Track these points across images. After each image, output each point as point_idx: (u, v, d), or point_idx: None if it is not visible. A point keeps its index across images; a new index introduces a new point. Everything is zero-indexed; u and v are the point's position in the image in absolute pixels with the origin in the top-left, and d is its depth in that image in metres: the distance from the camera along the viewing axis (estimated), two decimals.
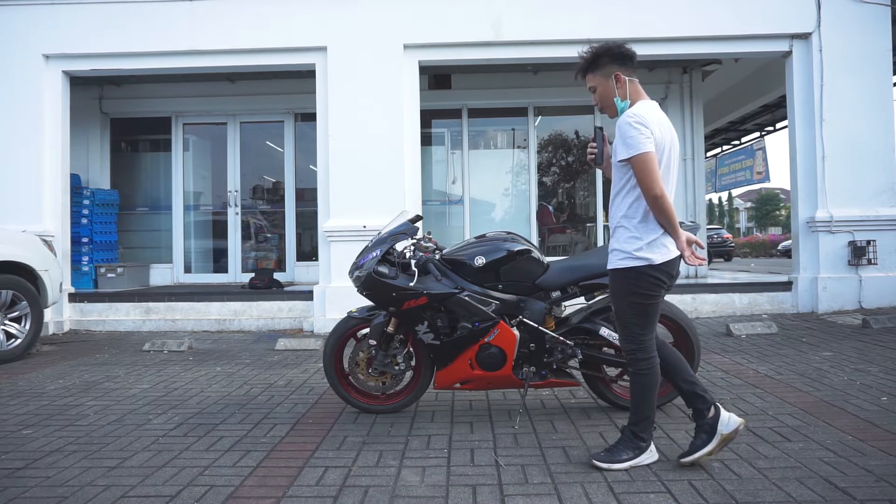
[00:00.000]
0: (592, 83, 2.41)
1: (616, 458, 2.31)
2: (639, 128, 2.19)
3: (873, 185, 6.07)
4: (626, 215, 2.30)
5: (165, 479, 2.34)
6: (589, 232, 8.68)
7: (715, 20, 6.05)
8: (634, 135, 2.19)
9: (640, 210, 2.27)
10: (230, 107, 8.31)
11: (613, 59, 2.35)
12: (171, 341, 5.34)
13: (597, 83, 2.39)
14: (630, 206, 2.29)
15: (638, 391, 2.35)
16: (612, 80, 2.34)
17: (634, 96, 2.35)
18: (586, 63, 2.41)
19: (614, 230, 2.35)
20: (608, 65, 2.35)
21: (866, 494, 2.07)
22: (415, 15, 6.18)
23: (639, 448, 2.33)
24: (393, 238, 3.02)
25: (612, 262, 2.34)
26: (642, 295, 2.29)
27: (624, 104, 2.34)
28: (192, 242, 8.47)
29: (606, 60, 2.35)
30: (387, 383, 3.12)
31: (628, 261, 2.28)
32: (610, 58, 2.35)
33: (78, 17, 6.27)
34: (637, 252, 2.26)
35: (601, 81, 2.38)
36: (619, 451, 2.33)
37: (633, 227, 2.28)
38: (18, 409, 3.41)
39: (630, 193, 2.29)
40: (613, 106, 2.37)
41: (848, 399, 3.19)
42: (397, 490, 2.20)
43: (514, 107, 8.35)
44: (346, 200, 6.11)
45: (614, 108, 2.37)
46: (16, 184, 6.21)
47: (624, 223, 2.31)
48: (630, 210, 2.29)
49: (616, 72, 2.34)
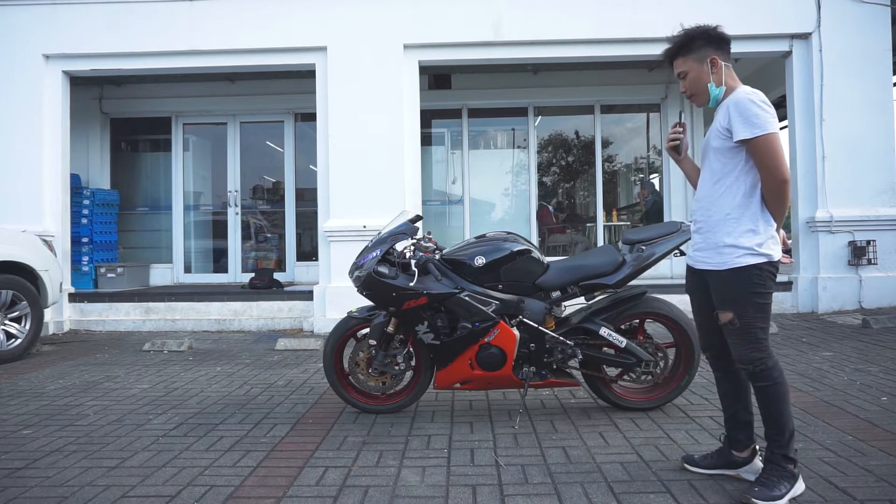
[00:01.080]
0: (683, 68, 2.20)
1: (775, 494, 1.99)
2: (763, 106, 2.00)
3: (873, 185, 6.07)
4: (739, 205, 2.07)
5: (165, 479, 2.34)
6: (589, 232, 8.68)
7: (715, 20, 5.96)
8: (760, 113, 1.99)
9: (755, 199, 2.06)
10: (230, 107, 8.31)
11: (709, 41, 2.16)
12: (171, 341, 5.34)
13: (688, 68, 2.18)
14: (744, 195, 2.07)
15: (775, 405, 2.05)
16: (706, 64, 2.14)
17: (730, 83, 2.16)
18: (677, 45, 2.21)
19: (716, 223, 2.11)
20: (703, 48, 2.16)
21: (866, 494, 2.07)
22: (415, 15, 6.18)
23: (792, 476, 2.03)
24: (393, 238, 3.01)
25: (728, 261, 2.06)
26: (765, 294, 2.06)
27: (719, 91, 2.15)
28: (192, 242, 8.47)
29: (701, 43, 2.16)
30: (387, 383, 3.12)
31: (749, 257, 2.04)
32: (705, 40, 2.16)
33: (78, 17, 6.27)
34: (759, 248, 2.04)
35: (694, 66, 2.17)
36: (773, 483, 2.02)
37: (748, 219, 2.06)
38: (18, 409, 3.41)
39: (741, 181, 2.07)
40: (706, 93, 2.16)
41: (848, 399, 3.19)
42: (397, 490, 2.20)
43: (514, 107, 8.34)
44: (346, 200, 6.11)
45: (706, 96, 2.17)
46: (16, 184, 6.21)
47: (736, 215, 2.07)
48: (743, 199, 2.07)
49: (712, 55, 2.14)
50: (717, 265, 2.10)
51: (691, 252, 2.27)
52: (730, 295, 2.08)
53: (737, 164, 2.08)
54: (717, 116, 2.15)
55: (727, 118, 2.07)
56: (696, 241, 2.22)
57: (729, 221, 2.08)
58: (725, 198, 2.10)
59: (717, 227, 2.11)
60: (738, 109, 2.03)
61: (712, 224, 2.13)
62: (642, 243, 3.01)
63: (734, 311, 2.06)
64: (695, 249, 2.23)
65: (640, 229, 3.14)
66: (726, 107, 2.09)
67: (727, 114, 2.07)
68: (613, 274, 2.95)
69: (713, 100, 2.17)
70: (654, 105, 8.39)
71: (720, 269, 2.09)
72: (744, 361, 2.09)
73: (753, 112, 2.00)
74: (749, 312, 2.05)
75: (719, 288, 2.12)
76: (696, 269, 2.24)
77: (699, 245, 2.20)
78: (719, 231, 2.10)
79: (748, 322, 2.05)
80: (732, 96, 2.09)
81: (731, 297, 2.07)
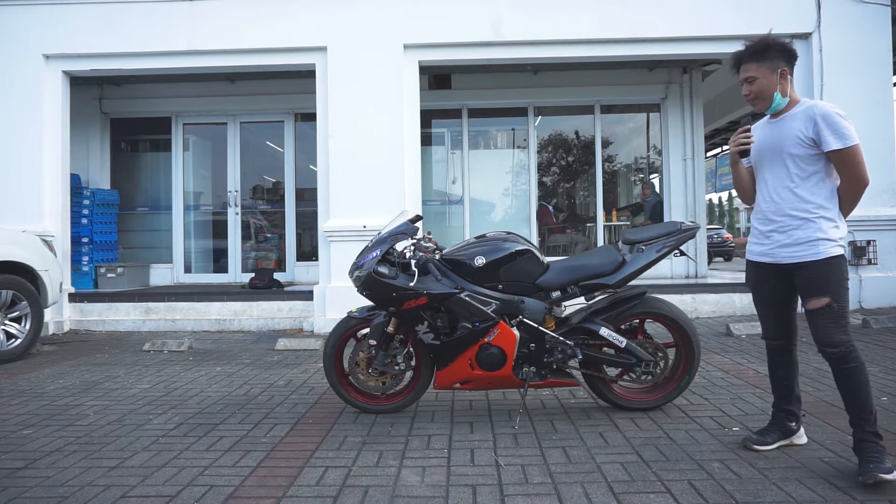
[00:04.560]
0: (753, 73, 2.36)
1: (889, 467, 2.13)
2: (847, 119, 2.24)
3: (873, 185, 5.91)
4: (822, 205, 2.30)
5: (165, 479, 2.34)
6: (589, 232, 8.68)
7: (715, 20, 6.05)
8: (847, 125, 2.23)
9: (835, 198, 2.32)
10: (230, 107, 8.31)
11: (782, 53, 2.34)
12: (171, 341, 5.34)
13: (759, 74, 2.35)
14: (827, 196, 2.31)
15: (861, 386, 2.26)
16: (777, 74, 2.33)
17: (793, 95, 2.39)
18: (753, 51, 2.37)
19: (804, 221, 2.31)
20: (777, 58, 2.34)
21: (866, 494, 2.07)
22: (415, 15, 6.18)
23: (885, 450, 2.21)
24: (393, 238, 3.01)
25: (823, 252, 2.28)
26: (848, 281, 2.32)
27: (783, 101, 2.36)
28: (192, 242, 8.47)
29: (776, 54, 2.34)
30: (387, 383, 3.12)
31: (838, 248, 2.29)
32: (780, 51, 2.34)
33: (78, 17, 6.28)
34: (841, 240, 2.31)
35: (765, 73, 2.34)
36: (881, 458, 2.16)
37: (833, 216, 2.31)
38: (18, 409, 3.41)
39: (823, 183, 2.31)
40: (769, 99, 2.36)
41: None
42: (397, 490, 2.20)
43: (514, 107, 8.35)
44: (346, 200, 6.11)
45: (769, 102, 2.37)
46: (16, 184, 6.22)
47: (822, 213, 2.30)
48: (827, 199, 2.31)
49: (783, 67, 2.34)
50: (811, 256, 2.29)
51: (768, 249, 2.43)
52: (826, 282, 2.28)
53: (818, 168, 2.30)
54: (790, 125, 2.33)
55: (812, 129, 2.27)
56: (777, 239, 2.39)
57: (819, 218, 2.30)
58: (813, 198, 2.31)
59: (807, 223, 2.31)
60: (827, 122, 2.24)
61: (799, 221, 2.32)
62: (642, 243, 3.01)
63: (831, 296, 2.26)
64: (777, 246, 2.39)
65: (640, 229, 3.14)
66: (809, 118, 2.28)
67: (812, 125, 2.27)
68: (613, 274, 2.95)
69: (773, 108, 2.38)
70: (654, 105, 8.39)
71: (815, 259, 2.29)
72: (833, 345, 2.28)
73: (842, 125, 2.23)
74: (843, 297, 2.28)
75: (814, 277, 2.30)
76: (770, 265, 2.43)
77: (781, 242, 2.37)
78: (809, 227, 2.30)
79: (843, 306, 2.27)
80: (817, 109, 2.28)
81: (828, 285, 2.27)
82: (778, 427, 2.54)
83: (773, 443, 2.51)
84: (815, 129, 2.26)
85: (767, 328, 2.57)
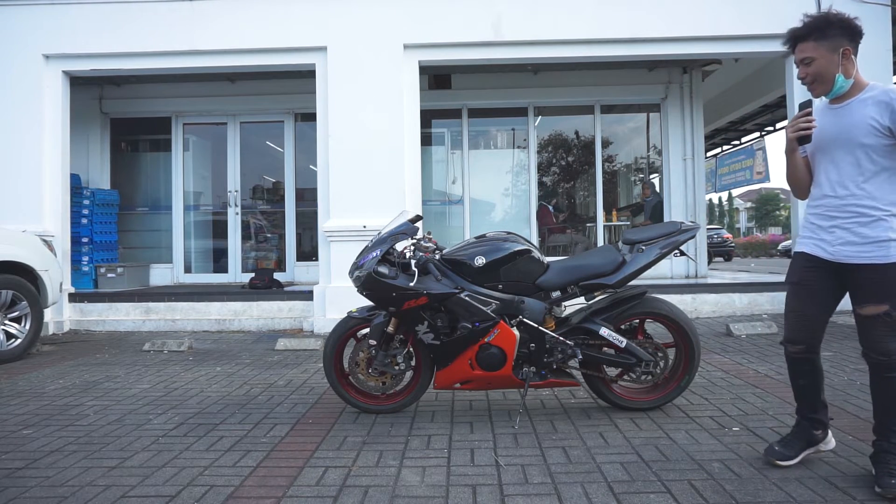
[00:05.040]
0: (811, 53, 2.11)
1: None
2: None
3: None
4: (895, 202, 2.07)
5: (165, 479, 2.34)
6: (589, 232, 8.68)
7: (715, 20, 6.05)
8: None
9: None
10: (230, 107, 8.31)
11: (845, 31, 2.09)
12: (171, 341, 5.34)
13: (818, 55, 2.10)
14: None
15: None
16: (838, 54, 2.08)
17: (858, 77, 2.12)
18: (810, 29, 2.12)
19: (874, 219, 2.08)
20: (838, 37, 2.08)
21: (866, 494, 2.07)
22: (415, 15, 6.18)
23: None
24: (393, 238, 3.01)
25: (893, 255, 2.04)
26: None
27: (847, 83, 2.11)
28: (192, 242, 8.48)
29: (837, 32, 2.08)
30: (387, 383, 3.12)
31: None
32: (842, 28, 2.09)
33: (78, 17, 6.27)
34: None
35: (824, 54, 2.09)
36: None
37: None
38: (18, 409, 3.41)
39: (894, 178, 2.08)
40: (830, 83, 2.11)
41: (848, 399, 3.20)
42: (397, 490, 2.20)
43: (514, 107, 8.35)
44: (346, 200, 6.11)
45: (829, 86, 2.12)
46: (16, 184, 6.22)
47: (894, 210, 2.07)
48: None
49: (846, 46, 2.08)
50: (879, 259, 2.06)
51: (828, 245, 2.18)
52: (891, 288, 2.06)
53: (893, 160, 2.07)
54: (860, 111, 2.09)
55: (888, 116, 2.03)
56: (841, 236, 2.14)
57: (891, 216, 2.06)
58: (884, 194, 2.08)
59: (877, 222, 2.07)
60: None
61: (868, 219, 2.08)
62: (642, 243, 3.01)
63: (891, 303, 2.05)
64: (841, 244, 2.14)
65: (640, 229, 3.14)
66: (884, 104, 2.04)
67: (889, 112, 2.03)
68: (613, 274, 2.95)
69: (835, 91, 2.13)
70: (654, 105, 8.39)
71: (882, 262, 2.06)
72: (884, 353, 2.09)
73: None
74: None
75: (878, 281, 2.07)
76: (825, 262, 2.19)
77: (846, 239, 2.13)
78: (879, 226, 2.07)
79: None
80: (894, 94, 2.04)
81: (892, 291, 2.05)
82: (802, 436, 2.36)
83: (796, 456, 2.33)
84: (892, 116, 2.02)
85: (793, 330, 2.32)
